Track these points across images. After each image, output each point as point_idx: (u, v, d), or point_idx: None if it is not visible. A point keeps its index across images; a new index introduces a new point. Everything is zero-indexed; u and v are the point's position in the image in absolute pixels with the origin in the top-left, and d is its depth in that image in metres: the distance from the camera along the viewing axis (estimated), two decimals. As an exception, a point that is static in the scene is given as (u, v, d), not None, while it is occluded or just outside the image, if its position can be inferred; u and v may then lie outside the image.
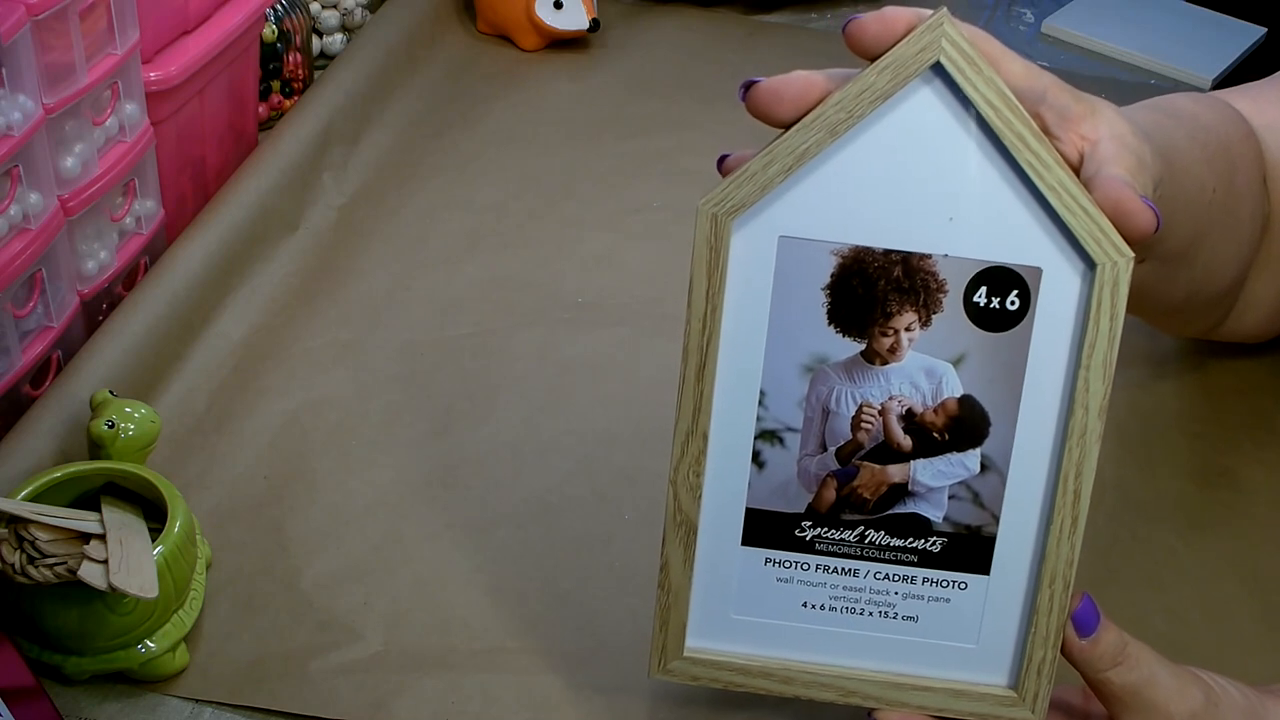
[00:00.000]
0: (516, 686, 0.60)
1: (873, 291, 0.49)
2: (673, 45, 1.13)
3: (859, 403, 0.50)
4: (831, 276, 0.49)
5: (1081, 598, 0.50)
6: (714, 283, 0.49)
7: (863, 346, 0.49)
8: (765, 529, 0.52)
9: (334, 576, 0.65)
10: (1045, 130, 0.50)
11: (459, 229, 0.89)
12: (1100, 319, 0.48)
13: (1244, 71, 1.16)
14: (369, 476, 0.70)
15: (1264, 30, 1.20)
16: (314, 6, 1.04)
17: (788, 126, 0.48)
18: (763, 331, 0.49)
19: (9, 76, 0.63)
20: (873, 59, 0.47)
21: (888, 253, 0.48)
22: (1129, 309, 0.70)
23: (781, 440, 0.51)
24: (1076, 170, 0.50)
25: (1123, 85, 1.12)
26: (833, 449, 0.51)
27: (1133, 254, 0.47)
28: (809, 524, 0.51)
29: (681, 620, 0.52)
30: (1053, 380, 0.49)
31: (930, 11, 0.47)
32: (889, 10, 0.47)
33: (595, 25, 1.07)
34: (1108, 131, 0.51)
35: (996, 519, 0.51)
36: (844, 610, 0.52)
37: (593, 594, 0.65)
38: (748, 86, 0.49)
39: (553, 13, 1.06)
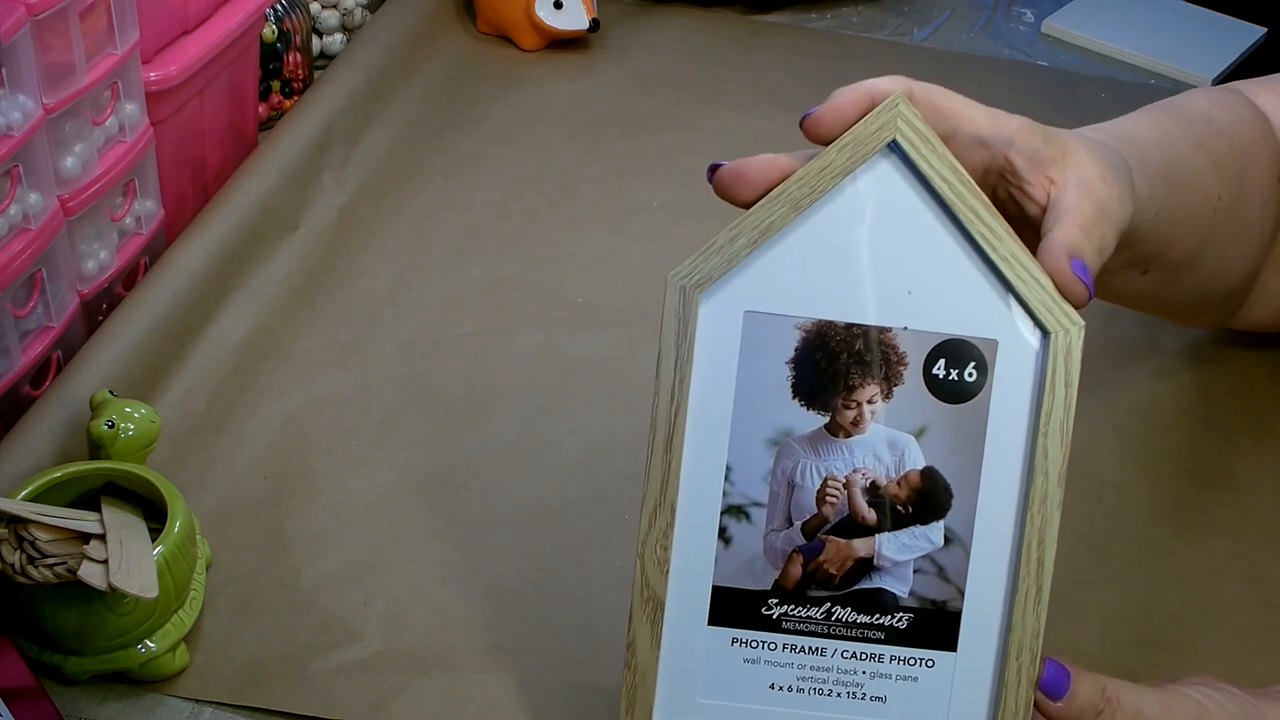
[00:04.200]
0: (516, 686, 0.60)
1: (835, 365, 0.50)
2: (673, 45, 1.13)
3: (824, 476, 0.50)
4: (795, 350, 0.50)
5: (1045, 664, 0.50)
6: (682, 355, 0.49)
7: (826, 419, 0.50)
8: (732, 607, 0.51)
9: (334, 576, 0.65)
10: (1014, 174, 0.51)
11: (459, 229, 0.89)
12: (1056, 386, 0.49)
13: (1244, 71, 1.16)
14: (369, 476, 0.70)
15: (1264, 30, 1.21)
16: (314, 6, 1.04)
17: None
18: (729, 405, 0.50)
19: (9, 76, 0.63)
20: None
21: (849, 326, 0.49)
22: (1140, 309, 0.70)
23: (748, 515, 0.51)
24: (1042, 214, 0.51)
25: (1123, 85, 1.12)
26: (798, 523, 0.51)
27: (1082, 322, 0.48)
28: (775, 601, 0.51)
29: (648, 703, 0.51)
30: (1012, 449, 0.50)
31: (888, 79, 0.49)
32: (839, 98, 0.49)
33: (595, 25, 1.07)
34: (1075, 177, 0.51)
35: (961, 593, 0.51)
36: (812, 691, 0.51)
37: (593, 594, 0.65)
38: (713, 170, 0.50)
39: (553, 13, 1.06)
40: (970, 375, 0.49)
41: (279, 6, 0.95)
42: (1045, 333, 0.49)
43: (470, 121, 1.00)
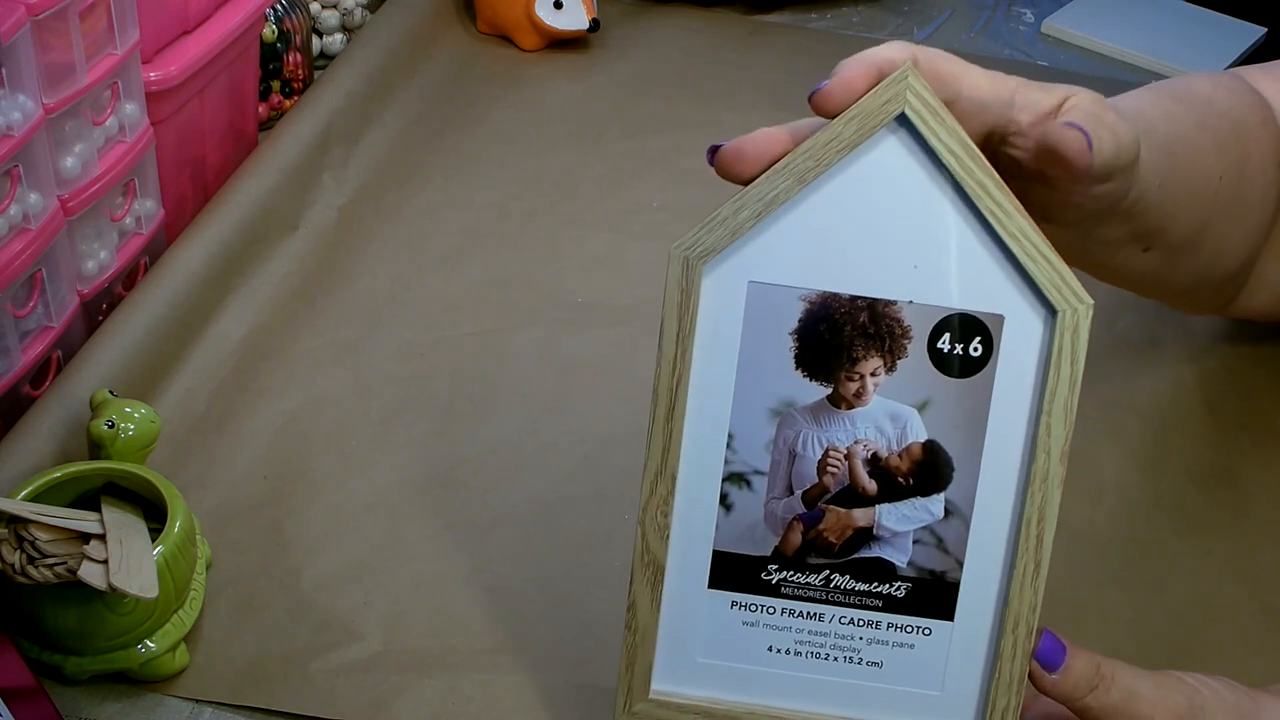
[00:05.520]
0: (516, 686, 0.60)
1: (839, 337, 0.49)
2: (673, 45, 1.13)
3: (825, 446, 0.50)
4: (799, 322, 0.49)
5: (1042, 635, 0.50)
6: (684, 326, 0.49)
7: (829, 391, 0.50)
8: (732, 572, 0.52)
9: (334, 576, 0.65)
10: (1020, 132, 0.51)
11: (459, 229, 0.89)
12: (1061, 365, 0.49)
13: (1244, 71, 1.16)
14: (369, 476, 0.70)
15: (1264, 30, 1.21)
16: (314, 6, 1.04)
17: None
18: (731, 375, 0.50)
19: (9, 76, 0.63)
20: None
21: (854, 299, 0.49)
22: (1139, 290, 0.70)
23: (749, 483, 0.51)
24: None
25: (1123, 85, 1.11)
26: (799, 492, 0.51)
27: (1091, 301, 0.48)
28: (775, 567, 0.51)
29: (648, 662, 0.52)
30: (1015, 426, 0.50)
31: (891, 46, 0.48)
32: (847, 71, 0.48)
33: (595, 25, 1.07)
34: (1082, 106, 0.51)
35: (960, 564, 0.51)
36: (809, 655, 0.52)
37: (593, 594, 0.65)
38: (714, 151, 0.50)
39: (553, 13, 1.06)
40: (975, 350, 0.49)
41: (279, 6, 0.95)
42: (1052, 311, 0.48)
43: (470, 121, 1.00)
